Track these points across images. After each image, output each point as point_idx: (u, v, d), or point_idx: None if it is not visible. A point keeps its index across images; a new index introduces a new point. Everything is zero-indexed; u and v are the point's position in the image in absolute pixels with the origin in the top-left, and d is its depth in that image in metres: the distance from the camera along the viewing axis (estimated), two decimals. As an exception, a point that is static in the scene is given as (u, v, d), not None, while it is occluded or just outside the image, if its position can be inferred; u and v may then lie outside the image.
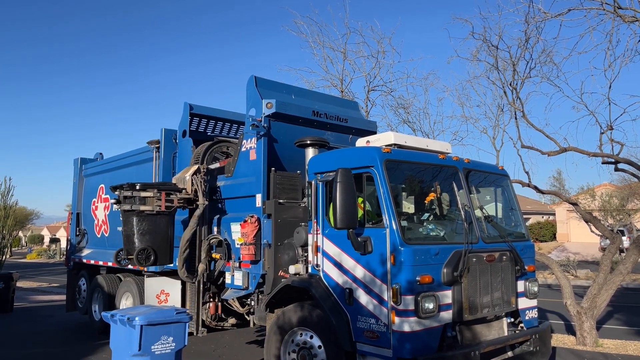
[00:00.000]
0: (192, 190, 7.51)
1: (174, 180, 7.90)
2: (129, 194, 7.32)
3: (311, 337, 5.71)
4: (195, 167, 7.61)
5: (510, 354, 5.88)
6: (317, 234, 5.88)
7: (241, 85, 8.41)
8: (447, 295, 5.21)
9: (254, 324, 7.31)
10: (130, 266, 9.46)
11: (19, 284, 18.34)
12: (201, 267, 7.43)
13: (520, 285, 6.11)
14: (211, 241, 7.45)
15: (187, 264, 7.53)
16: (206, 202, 7.49)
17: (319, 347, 5.61)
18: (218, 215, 7.68)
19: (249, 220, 6.57)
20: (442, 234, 5.75)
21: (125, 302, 9.65)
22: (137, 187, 7.36)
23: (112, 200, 7.60)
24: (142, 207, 7.28)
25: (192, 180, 7.51)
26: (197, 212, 7.45)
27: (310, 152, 6.46)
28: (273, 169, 6.60)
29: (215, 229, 7.70)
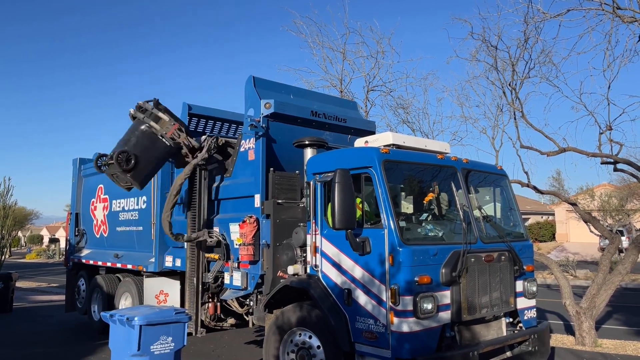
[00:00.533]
0: (200, 145, 7.58)
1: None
2: (149, 107, 7.43)
3: (310, 337, 5.71)
4: (214, 138, 7.71)
5: (509, 354, 5.88)
6: (315, 234, 5.88)
7: (240, 85, 8.40)
8: (446, 296, 5.21)
9: (253, 324, 7.32)
10: (129, 266, 9.46)
11: (18, 284, 18.34)
12: (189, 236, 7.44)
13: (519, 285, 6.11)
14: (209, 242, 7.45)
15: (181, 226, 7.51)
16: (207, 155, 7.49)
17: (318, 347, 5.61)
18: (216, 215, 7.68)
19: (248, 221, 6.57)
20: (440, 234, 5.74)
21: (125, 302, 9.65)
22: (160, 106, 7.49)
23: (132, 110, 7.60)
24: (152, 124, 7.38)
25: (206, 138, 7.65)
26: (195, 161, 7.46)
27: (308, 153, 6.46)
28: (272, 169, 6.60)
29: (214, 229, 7.70)
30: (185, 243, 7.67)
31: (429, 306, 5.00)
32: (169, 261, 8.58)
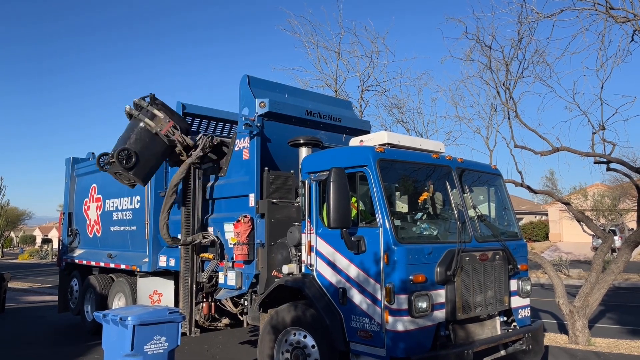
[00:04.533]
0: (195, 144, 7.57)
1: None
2: (145, 104, 7.44)
3: (305, 336, 5.70)
4: (209, 137, 7.69)
5: (503, 352, 5.89)
6: (310, 233, 5.87)
7: (235, 84, 8.39)
8: (441, 295, 5.21)
9: (248, 324, 7.30)
10: (123, 266, 9.41)
11: (11, 284, 18.20)
12: (182, 240, 7.44)
13: (513, 284, 6.13)
14: (203, 241, 7.42)
15: (177, 227, 7.49)
16: (201, 153, 7.48)
17: (313, 346, 5.60)
18: (211, 215, 7.65)
19: (242, 220, 6.55)
20: (435, 233, 5.75)
21: (118, 303, 9.59)
22: (156, 102, 7.49)
23: (127, 107, 7.60)
24: (147, 121, 7.38)
25: (201, 137, 7.62)
26: (189, 160, 7.46)
27: (303, 152, 6.45)
28: (266, 168, 6.59)
29: (208, 228, 7.67)
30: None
31: (424, 305, 5.00)
32: (162, 261, 8.54)
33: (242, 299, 7.11)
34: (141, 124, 7.44)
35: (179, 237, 7.67)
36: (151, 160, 7.56)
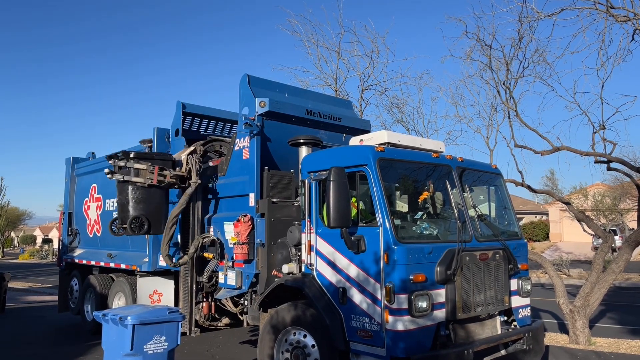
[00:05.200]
0: (186, 169, 7.49)
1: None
2: (122, 164, 7.27)
3: (305, 336, 5.69)
4: (192, 147, 7.59)
5: (503, 352, 5.88)
6: (310, 233, 5.86)
7: (235, 85, 8.39)
8: (441, 294, 5.20)
9: (248, 323, 7.29)
10: (123, 265, 9.40)
11: (11, 284, 18.19)
12: (184, 259, 7.41)
13: (514, 284, 6.12)
14: (204, 240, 7.42)
15: (171, 244, 7.49)
16: (199, 181, 7.45)
17: (313, 346, 5.59)
18: (211, 215, 7.65)
19: (242, 220, 6.54)
20: (435, 232, 5.74)
21: (118, 302, 9.59)
22: (132, 156, 7.29)
23: (106, 170, 7.54)
24: (135, 179, 7.25)
25: (187, 159, 7.51)
26: (189, 190, 7.41)
27: (303, 151, 6.44)
28: (266, 167, 6.58)
29: (208, 228, 7.67)
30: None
31: (424, 304, 4.99)
32: (162, 261, 8.53)
33: (242, 299, 7.10)
34: (130, 186, 7.32)
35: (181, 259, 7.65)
36: (159, 209, 7.55)
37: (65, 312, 11.75)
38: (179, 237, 7.97)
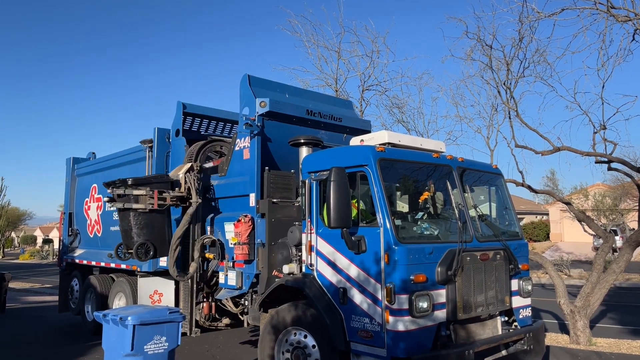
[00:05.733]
0: (185, 188, 7.46)
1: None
2: (121, 191, 7.26)
3: (305, 336, 5.69)
4: (189, 165, 7.56)
5: (504, 352, 5.88)
6: (311, 233, 5.86)
7: (235, 85, 8.38)
8: (441, 294, 5.20)
9: (248, 324, 7.28)
10: (123, 266, 9.41)
11: (12, 284, 18.18)
12: (193, 267, 7.38)
13: (514, 284, 6.11)
14: (204, 241, 7.41)
15: (178, 262, 7.49)
16: (199, 200, 7.44)
17: (313, 346, 5.58)
18: (211, 215, 7.64)
19: (243, 220, 6.54)
20: (436, 232, 5.73)
21: (118, 302, 9.58)
22: (130, 183, 7.29)
23: (105, 199, 7.55)
24: (135, 206, 7.23)
25: (185, 178, 7.46)
26: (190, 210, 7.40)
27: (304, 151, 6.44)
28: (267, 168, 6.58)
29: (208, 228, 7.66)
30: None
31: (425, 305, 4.98)
32: (163, 261, 8.52)
33: (243, 299, 7.10)
34: (131, 213, 7.30)
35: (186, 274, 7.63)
36: (162, 231, 7.53)
37: (66, 312, 11.75)
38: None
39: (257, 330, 7.55)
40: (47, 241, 57.19)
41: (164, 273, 8.70)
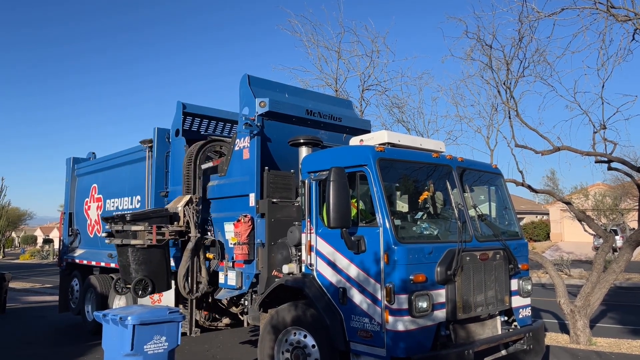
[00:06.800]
0: (184, 222, 7.43)
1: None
2: (119, 227, 7.23)
3: (305, 336, 5.69)
4: (187, 197, 7.51)
5: (504, 352, 5.88)
6: (310, 233, 5.86)
7: (235, 85, 8.36)
8: (441, 294, 5.20)
9: (248, 323, 7.29)
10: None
11: (12, 284, 18.17)
12: (202, 287, 7.42)
13: (514, 284, 6.11)
14: (204, 241, 7.42)
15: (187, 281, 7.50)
16: (198, 235, 7.37)
17: (313, 346, 5.59)
18: (211, 215, 7.64)
19: (243, 220, 6.54)
20: (435, 232, 5.73)
21: (118, 302, 9.58)
22: (128, 219, 7.24)
23: (104, 234, 7.51)
24: (133, 242, 7.17)
25: (184, 211, 7.42)
26: (189, 246, 7.34)
27: (303, 151, 6.44)
28: (266, 168, 6.58)
29: (208, 228, 7.66)
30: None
31: (424, 305, 4.98)
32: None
33: (243, 299, 7.09)
34: (129, 249, 7.24)
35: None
36: (161, 266, 7.48)
37: (66, 312, 11.76)
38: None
39: (257, 330, 7.56)
40: (48, 241, 57.21)
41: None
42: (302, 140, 6.49)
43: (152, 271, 7.31)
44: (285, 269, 6.11)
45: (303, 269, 5.96)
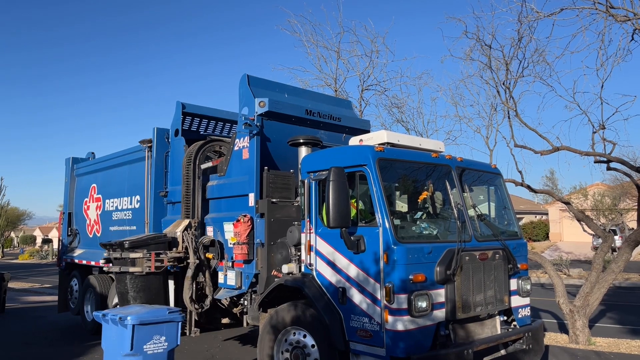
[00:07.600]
0: (182, 247, 7.40)
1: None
2: (118, 255, 7.21)
3: (304, 336, 5.69)
4: (186, 222, 7.49)
5: (503, 352, 5.89)
6: (310, 233, 5.86)
7: (234, 85, 8.36)
8: (440, 294, 5.20)
9: (248, 323, 7.29)
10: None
11: (11, 284, 18.21)
12: (208, 302, 7.42)
13: (513, 284, 6.12)
14: (204, 241, 7.42)
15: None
16: (197, 261, 7.34)
17: (312, 346, 5.59)
18: (211, 215, 7.64)
19: (242, 220, 6.54)
20: (435, 232, 5.74)
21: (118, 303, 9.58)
22: (127, 246, 7.20)
23: (102, 261, 7.48)
24: (132, 269, 7.15)
25: (182, 236, 7.41)
26: (189, 273, 7.31)
27: (303, 151, 6.44)
28: (266, 167, 6.58)
29: (208, 228, 7.66)
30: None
31: (424, 304, 4.99)
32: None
33: (242, 299, 7.10)
34: (127, 277, 7.22)
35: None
36: (159, 293, 7.48)
37: (65, 312, 11.75)
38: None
39: (256, 330, 7.56)
40: (47, 241, 57.15)
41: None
42: (301, 140, 6.50)
43: (151, 299, 7.27)
44: (285, 268, 6.11)
45: (302, 269, 5.97)
